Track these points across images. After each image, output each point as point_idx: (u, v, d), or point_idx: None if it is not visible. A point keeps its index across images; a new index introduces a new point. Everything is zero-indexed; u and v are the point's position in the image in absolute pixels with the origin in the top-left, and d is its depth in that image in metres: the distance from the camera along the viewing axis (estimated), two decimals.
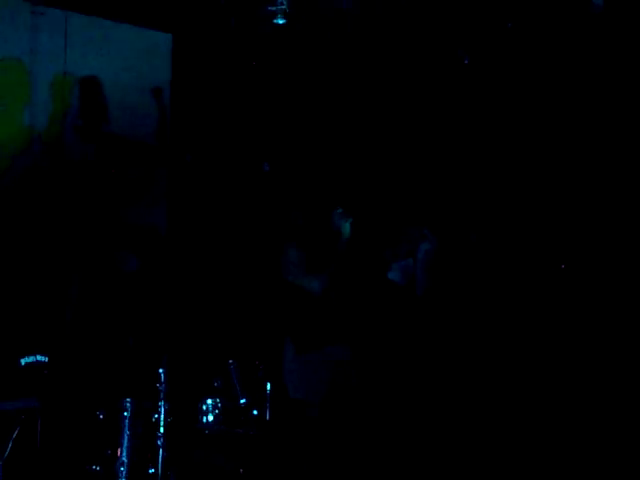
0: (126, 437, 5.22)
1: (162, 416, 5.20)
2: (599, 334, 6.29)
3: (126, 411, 5.23)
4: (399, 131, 7.16)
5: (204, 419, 5.43)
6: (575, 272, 6.46)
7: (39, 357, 5.55)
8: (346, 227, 5.62)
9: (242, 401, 5.46)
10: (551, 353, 6.40)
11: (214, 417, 5.44)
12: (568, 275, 6.46)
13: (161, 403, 5.21)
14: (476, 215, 6.74)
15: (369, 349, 6.13)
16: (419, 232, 6.22)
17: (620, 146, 6.45)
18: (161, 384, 5.23)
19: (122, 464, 5.21)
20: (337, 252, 5.59)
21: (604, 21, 6.35)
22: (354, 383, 5.62)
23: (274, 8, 6.36)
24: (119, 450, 5.21)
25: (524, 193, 6.75)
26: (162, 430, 5.20)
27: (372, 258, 6.22)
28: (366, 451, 5.74)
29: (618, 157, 6.45)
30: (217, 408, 5.44)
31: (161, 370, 5.24)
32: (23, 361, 5.49)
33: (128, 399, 5.25)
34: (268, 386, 5.45)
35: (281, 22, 6.39)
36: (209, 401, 5.45)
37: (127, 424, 5.23)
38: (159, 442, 5.19)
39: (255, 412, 5.42)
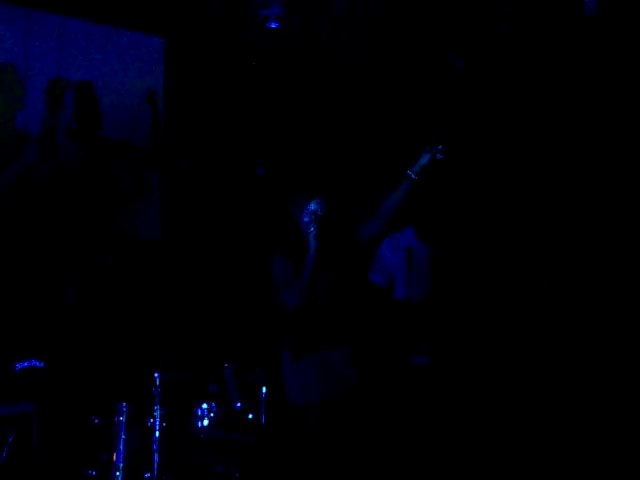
0: (121, 442, 5.23)
1: (157, 420, 5.21)
2: (594, 340, 6.31)
3: (121, 415, 5.24)
4: (393, 136, 7.17)
5: (199, 423, 5.44)
6: (566, 281, 6.47)
7: (34, 362, 5.55)
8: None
9: (237, 405, 5.47)
10: (545, 356, 6.41)
11: (209, 421, 5.45)
12: (558, 285, 6.47)
13: (156, 407, 5.22)
14: (465, 219, 6.74)
15: (365, 351, 6.14)
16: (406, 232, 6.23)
17: (616, 149, 6.47)
18: (156, 388, 5.24)
19: (117, 469, 5.21)
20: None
21: (597, 23, 6.37)
22: (354, 385, 5.59)
23: (267, 12, 6.37)
24: (114, 455, 5.21)
25: (516, 198, 6.77)
26: (157, 435, 5.20)
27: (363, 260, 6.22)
28: (365, 455, 5.74)
29: (611, 160, 6.47)
30: (212, 412, 5.45)
31: (156, 374, 5.25)
32: (18, 365, 5.49)
33: (123, 403, 5.26)
34: (264, 390, 5.46)
35: (274, 26, 6.40)
36: (204, 405, 5.46)
37: (122, 429, 5.23)
38: (154, 447, 5.20)
39: (250, 416, 5.43)
